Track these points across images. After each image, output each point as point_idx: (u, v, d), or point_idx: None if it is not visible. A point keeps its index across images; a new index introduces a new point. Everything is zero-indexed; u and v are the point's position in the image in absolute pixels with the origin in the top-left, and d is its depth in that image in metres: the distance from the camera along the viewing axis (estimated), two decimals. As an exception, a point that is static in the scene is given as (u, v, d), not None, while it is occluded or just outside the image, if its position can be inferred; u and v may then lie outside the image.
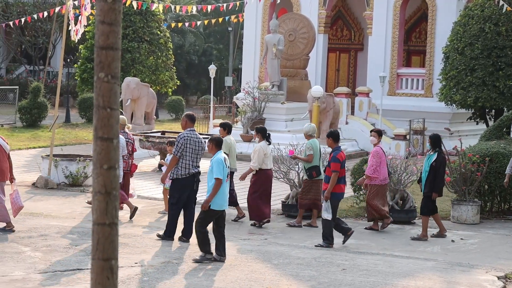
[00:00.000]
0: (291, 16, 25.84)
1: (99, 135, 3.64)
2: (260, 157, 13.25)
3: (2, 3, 42.18)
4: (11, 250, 10.87)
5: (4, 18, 40.00)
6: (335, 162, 12.00)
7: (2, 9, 41.58)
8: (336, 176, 11.95)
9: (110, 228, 3.59)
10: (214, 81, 29.08)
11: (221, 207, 10.72)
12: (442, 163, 12.86)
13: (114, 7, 3.56)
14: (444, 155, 12.96)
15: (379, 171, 13.19)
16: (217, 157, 10.65)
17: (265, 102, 23.18)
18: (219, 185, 10.52)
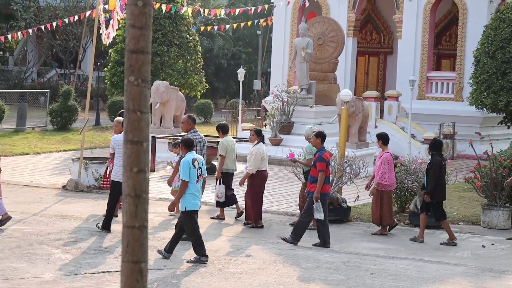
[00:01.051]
0: (320, 20, 25.80)
1: (129, 138, 3.66)
2: (257, 161, 13.31)
3: (34, 8, 42.63)
4: (41, 252, 10.96)
5: (36, 22, 40.42)
6: (321, 161, 12.09)
7: (34, 13, 42.01)
8: (323, 176, 12.06)
9: (140, 231, 3.60)
10: (243, 85, 29.12)
11: (195, 206, 10.74)
12: (434, 165, 12.77)
13: (145, 11, 3.58)
14: (438, 159, 12.77)
15: (389, 177, 13.19)
16: (184, 159, 10.78)
17: (293, 105, 23.15)
18: (184, 186, 10.62)
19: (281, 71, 29.13)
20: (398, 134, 24.68)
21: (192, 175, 10.65)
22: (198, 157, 10.92)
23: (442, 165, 12.84)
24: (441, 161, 12.83)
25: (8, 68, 46.43)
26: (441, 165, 12.82)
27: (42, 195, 15.85)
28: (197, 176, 10.75)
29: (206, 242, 12.10)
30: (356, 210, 14.98)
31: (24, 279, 9.57)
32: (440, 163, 12.80)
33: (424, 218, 12.92)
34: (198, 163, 10.79)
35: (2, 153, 22.16)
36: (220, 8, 37.46)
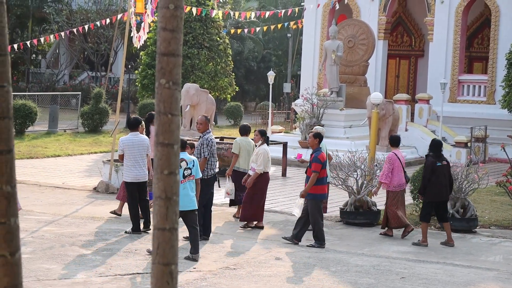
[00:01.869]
0: (351, 22, 25.73)
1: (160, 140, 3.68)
2: (265, 160, 13.33)
3: (66, 11, 43.05)
4: (73, 253, 11.05)
5: (68, 25, 40.81)
6: (316, 162, 12.16)
7: (66, 16, 42.43)
8: (315, 177, 12.10)
9: (170, 233, 3.62)
10: (273, 87, 29.13)
11: (183, 208, 10.69)
12: (425, 166, 12.76)
13: (176, 14, 3.60)
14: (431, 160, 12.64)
15: (391, 177, 13.10)
16: None
17: (323, 108, 23.11)
18: None
19: (311, 74, 29.09)
20: (428, 138, 24.46)
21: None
22: (189, 158, 11.02)
23: (436, 166, 12.64)
24: (434, 162, 12.65)
25: (41, 70, 46.93)
26: (434, 166, 12.63)
27: (73, 197, 15.98)
28: (184, 177, 10.84)
29: (236, 245, 12.12)
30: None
31: (55, 280, 9.66)
32: (433, 164, 12.63)
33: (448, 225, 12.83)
34: (187, 163, 10.89)
35: (34, 154, 22.38)
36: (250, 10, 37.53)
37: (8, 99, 3.49)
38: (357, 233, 13.46)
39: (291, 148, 21.89)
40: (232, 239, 12.58)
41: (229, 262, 11.00)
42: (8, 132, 3.51)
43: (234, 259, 11.23)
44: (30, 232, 12.19)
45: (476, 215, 13.98)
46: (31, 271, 9.83)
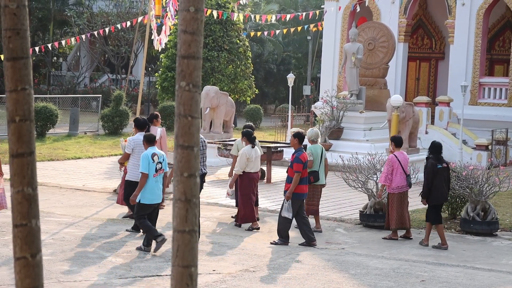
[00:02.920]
0: (371, 25, 25.66)
1: (180, 143, 3.69)
2: (242, 162, 13.45)
3: (87, 14, 43.29)
4: (93, 255, 11.10)
5: (89, 28, 41.03)
6: (297, 163, 12.26)
7: (87, 19, 42.67)
8: (298, 177, 12.22)
9: (190, 236, 3.62)
10: (292, 90, 29.11)
11: (151, 201, 11.22)
12: (427, 169, 12.68)
13: (197, 17, 3.61)
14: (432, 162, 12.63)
15: (391, 179, 13.06)
16: (144, 153, 11.30)
17: (343, 111, 23.06)
18: (144, 179, 11.12)
19: (331, 77, 29.05)
20: (449, 140, 24.39)
21: (151, 169, 11.17)
22: (159, 153, 11.37)
23: (436, 169, 12.60)
24: (435, 164, 12.61)
25: (62, 73, 47.23)
26: (435, 169, 12.59)
27: (93, 199, 16.05)
28: (156, 170, 11.20)
29: (256, 247, 12.12)
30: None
31: (76, 282, 9.71)
32: (434, 167, 12.60)
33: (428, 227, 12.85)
34: (158, 158, 11.27)
35: (55, 157, 22.52)
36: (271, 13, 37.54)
37: (29, 102, 3.51)
38: (376, 236, 13.42)
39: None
40: (252, 242, 12.57)
41: (249, 265, 11.00)
42: (29, 134, 3.53)
43: (253, 261, 11.23)
44: (51, 234, 12.26)
45: (497, 218, 13.89)
46: (51, 272, 9.89)
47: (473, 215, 13.76)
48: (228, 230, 13.49)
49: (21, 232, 3.48)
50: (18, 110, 3.50)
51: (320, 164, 13.56)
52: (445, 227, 14.23)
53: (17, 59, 3.49)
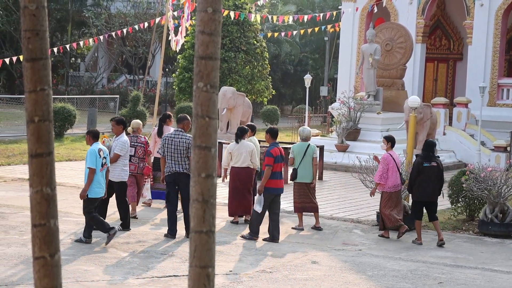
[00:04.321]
0: (388, 26, 25.59)
1: (197, 143, 3.69)
2: (225, 157, 14.15)
3: (105, 15, 43.48)
4: (110, 255, 11.15)
5: (107, 29, 41.21)
6: (268, 156, 12.57)
7: (105, 20, 42.85)
8: (268, 170, 12.49)
9: (207, 236, 3.63)
10: (310, 91, 29.09)
11: (98, 194, 11.67)
12: (413, 166, 13.00)
13: (214, 18, 3.61)
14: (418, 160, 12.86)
15: (386, 177, 13.12)
16: (91, 148, 11.66)
17: (360, 112, 23.01)
18: (92, 174, 11.47)
19: (348, 77, 28.99)
20: (467, 142, 24.27)
21: (98, 164, 11.55)
22: (104, 148, 11.83)
23: (422, 167, 12.75)
24: (421, 163, 12.77)
25: (80, 74, 47.45)
26: (420, 167, 12.75)
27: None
28: (102, 165, 11.64)
29: (272, 248, 12.12)
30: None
31: (93, 281, 9.75)
32: (419, 165, 12.76)
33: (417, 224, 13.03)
34: (103, 153, 11.67)
35: (73, 157, 22.62)
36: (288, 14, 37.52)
37: (48, 102, 3.53)
38: (393, 237, 13.37)
39: (327, 152, 21.82)
40: (268, 242, 12.57)
41: (265, 265, 11.00)
42: (48, 134, 3.55)
43: (270, 262, 11.23)
44: (69, 234, 12.32)
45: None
46: (69, 272, 9.94)
47: (491, 217, 13.69)
48: (245, 231, 13.49)
49: (40, 232, 3.50)
50: (37, 110, 3.51)
51: (301, 162, 13.57)
52: (463, 228, 14.17)
53: (36, 60, 3.51)
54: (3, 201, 15.13)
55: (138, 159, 14.13)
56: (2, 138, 25.52)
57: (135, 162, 14.08)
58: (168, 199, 12.65)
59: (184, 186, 12.36)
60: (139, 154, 14.13)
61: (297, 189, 13.68)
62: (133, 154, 14.02)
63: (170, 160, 12.49)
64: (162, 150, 12.64)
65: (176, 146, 12.45)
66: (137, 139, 14.24)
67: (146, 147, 14.22)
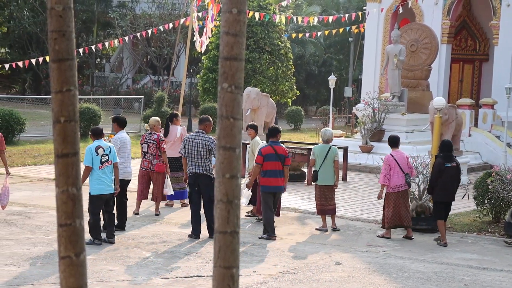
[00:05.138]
0: (414, 26, 25.45)
1: (221, 144, 3.69)
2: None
3: (130, 16, 43.69)
4: (135, 255, 11.20)
5: (132, 29, 41.40)
6: (258, 155, 12.87)
7: (130, 21, 43.05)
8: (257, 168, 12.80)
9: (232, 237, 3.63)
10: (334, 92, 29.00)
11: (99, 191, 11.67)
12: (434, 167, 13.03)
13: (239, 19, 3.62)
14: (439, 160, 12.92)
15: (389, 178, 13.13)
16: (88, 146, 11.84)
17: (385, 113, 22.91)
18: (86, 171, 11.54)
19: (373, 78, 28.88)
20: (493, 143, 24.08)
21: (95, 161, 11.62)
22: (105, 145, 11.82)
23: (444, 167, 12.84)
24: (442, 163, 12.84)
25: (105, 74, 47.71)
26: (442, 167, 12.84)
27: (135, 200, 16.16)
28: (101, 163, 11.66)
29: (296, 249, 12.10)
30: (448, 220, 14.68)
31: (117, 281, 9.80)
32: (441, 165, 12.84)
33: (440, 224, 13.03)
34: (104, 150, 11.71)
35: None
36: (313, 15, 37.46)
37: (74, 103, 3.55)
38: (418, 239, 13.30)
39: (351, 153, 21.75)
40: (292, 243, 12.56)
41: (289, 266, 10.99)
42: (74, 135, 3.57)
43: (294, 263, 11.21)
44: (94, 234, 12.38)
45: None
46: (94, 272, 9.99)
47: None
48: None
49: (66, 232, 3.52)
50: (63, 111, 3.54)
51: (322, 164, 13.55)
52: (489, 230, 14.07)
53: (63, 61, 3.53)
54: (29, 201, 15.25)
55: (151, 156, 14.32)
56: (28, 138, 25.74)
57: (148, 158, 14.30)
58: (191, 199, 12.68)
59: (204, 187, 12.38)
60: (151, 151, 14.30)
61: (318, 191, 13.67)
62: (146, 150, 14.28)
63: (190, 161, 12.53)
64: (183, 151, 12.67)
65: (196, 148, 12.48)
66: (151, 136, 14.40)
67: (159, 144, 14.32)
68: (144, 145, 14.36)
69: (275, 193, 12.88)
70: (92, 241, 11.57)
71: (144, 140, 14.44)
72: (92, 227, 11.66)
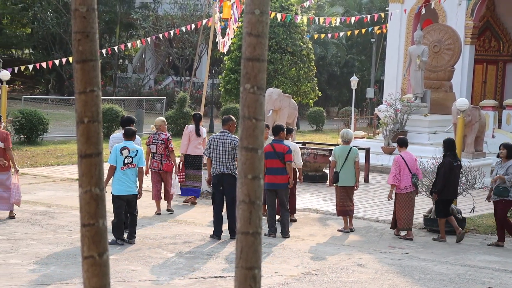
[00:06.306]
0: (437, 27, 25.31)
1: (244, 145, 3.69)
2: None
3: (153, 16, 43.85)
4: (157, 256, 11.24)
5: (154, 30, 41.54)
6: None
7: (152, 22, 43.21)
8: None
9: (254, 238, 3.63)
10: (356, 93, 28.92)
11: (119, 191, 11.71)
12: (444, 166, 13.13)
13: (262, 19, 3.61)
14: (449, 160, 13.10)
15: (399, 179, 13.20)
16: (115, 145, 11.90)
17: (407, 114, 22.81)
18: (110, 170, 11.65)
19: (395, 79, 28.75)
20: (517, 145, 23.86)
21: (118, 161, 11.63)
22: (132, 147, 11.80)
23: (453, 166, 13.11)
24: (452, 162, 13.08)
25: (127, 75, 47.91)
26: (451, 166, 13.09)
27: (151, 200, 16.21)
28: (124, 164, 11.66)
29: (318, 250, 12.08)
30: (471, 221, 14.60)
31: (140, 281, 9.84)
32: (451, 164, 13.07)
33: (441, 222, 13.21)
34: (129, 152, 11.70)
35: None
36: (335, 16, 37.38)
37: (97, 103, 3.57)
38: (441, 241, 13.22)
39: (373, 154, 21.68)
40: (314, 244, 12.54)
41: (311, 268, 10.97)
42: (97, 135, 3.59)
43: (315, 264, 11.19)
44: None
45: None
46: (117, 272, 10.04)
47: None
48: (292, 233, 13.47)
49: (89, 232, 3.54)
50: (86, 111, 3.56)
51: (343, 165, 13.55)
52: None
53: (86, 62, 3.55)
54: (52, 201, 15.36)
55: (160, 156, 14.46)
56: (51, 139, 25.91)
57: (158, 159, 14.42)
58: (214, 200, 12.71)
59: (228, 187, 12.39)
60: (160, 151, 14.46)
61: (339, 192, 13.70)
62: (155, 151, 14.37)
63: (215, 161, 12.57)
64: (208, 151, 12.70)
65: (221, 147, 12.51)
66: (158, 136, 14.54)
67: (167, 144, 14.41)
68: (152, 146, 14.47)
69: (276, 190, 12.93)
70: (114, 241, 11.62)
71: (151, 141, 14.54)
72: (115, 227, 11.70)
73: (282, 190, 13.01)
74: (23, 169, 19.15)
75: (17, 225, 12.90)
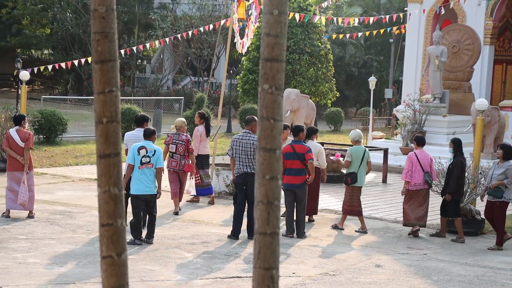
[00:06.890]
0: (456, 27, 25.19)
1: (262, 145, 3.70)
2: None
3: (171, 17, 43.97)
4: (175, 256, 11.26)
5: (172, 31, 41.64)
6: None
7: (170, 22, 43.32)
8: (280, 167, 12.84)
9: (272, 238, 3.63)
10: (374, 93, 28.83)
11: (137, 191, 11.70)
12: (457, 166, 13.21)
13: (280, 20, 3.61)
14: (461, 160, 13.26)
15: (411, 175, 13.32)
16: (133, 145, 11.93)
17: (426, 114, 22.71)
18: (128, 169, 11.72)
19: (413, 80, 28.63)
20: (536, 145, 23.69)
21: (136, 161, 11.67)
22: (150, 147, 11.81)
23: (464, 165, 13.32)
24: (463, 162, 13.26)
25: (146, 75, 48.07)
26: (463, 165, 13.30)
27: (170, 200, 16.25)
28: (141, 163, 11.68)
29: (336, 251, 12.06)
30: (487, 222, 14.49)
31: (158, 281, 9.86)
32: (463, 164, 13.24)
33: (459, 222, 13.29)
34: (146, 152, 11.73)
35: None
36: (353, 16, 37.30)
37: (116, 104, 3.59)
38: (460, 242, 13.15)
39: (392, 155, 21.61)
40: (332, 245, 12.52)
41: (329, 268, 10.95)
42: (116, 135, 3.61)
43: (333, 265, 11.17)
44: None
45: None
46: (135, 271, 10.07)
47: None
48: (307, 232, 13.45)
49: (107, 232, 3.55)
50: (105, 111, 3.57)
51: (360, 165, 13.62)
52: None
53: (105, 62, 3.57)
54: (71, 201, 15.43)
55: (179, 156, 14.62)
56: (70, 139, 26.04)
57: (177, 159, 14.58)
58: (235, 200, 12.71)
59: (251, 186, 12.39)
60: (180, 151, 14.63)
61: (350, 192, 13.72)
62: (174, 151, 14.53)
63: (238, 161, 12.66)
64: (231, 152, 12.75)
65: (244, 148, 12.59)
66: (179, 136, 14.69)
67: (187, 145, 14.53)
68: (172, 145, 14.63)
69: (294, 190, 12.94)
70: (133, 241, 11.65)
71: (171, 141, 14.66)
72: (133, 227, 11.74)
73: (300, 191, 13.01)
74: (42, 169, 19.27)
75: (36, 224, 12.98)
